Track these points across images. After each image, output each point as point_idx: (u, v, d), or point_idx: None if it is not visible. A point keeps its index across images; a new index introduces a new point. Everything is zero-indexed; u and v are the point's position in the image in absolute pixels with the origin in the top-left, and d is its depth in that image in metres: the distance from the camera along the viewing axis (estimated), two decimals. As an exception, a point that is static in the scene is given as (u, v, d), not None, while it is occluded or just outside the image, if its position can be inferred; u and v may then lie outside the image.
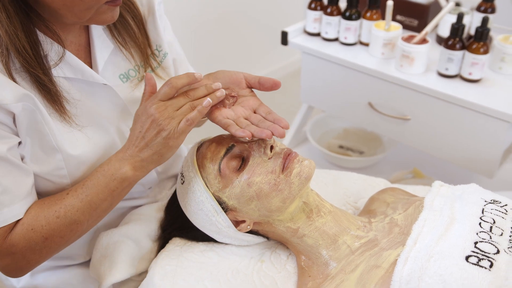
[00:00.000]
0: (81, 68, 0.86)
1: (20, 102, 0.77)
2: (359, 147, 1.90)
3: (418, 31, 1.56)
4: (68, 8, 0.75)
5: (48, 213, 0.83)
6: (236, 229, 0.88)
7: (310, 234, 0.86)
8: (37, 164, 0.84)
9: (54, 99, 0.82)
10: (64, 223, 0.83)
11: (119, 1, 0.79)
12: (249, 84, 0.89)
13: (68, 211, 0.83)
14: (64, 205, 0.83)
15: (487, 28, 1.29)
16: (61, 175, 0.86)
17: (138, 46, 0.96)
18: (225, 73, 0.88)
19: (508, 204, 0.84)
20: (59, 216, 0.82)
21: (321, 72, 1.59)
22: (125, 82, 0.95)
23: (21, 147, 0.82)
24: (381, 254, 0.80)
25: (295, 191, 0.83)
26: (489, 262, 0.71)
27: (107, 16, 0.80)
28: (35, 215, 0.83)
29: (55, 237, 0.83)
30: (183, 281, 0.86)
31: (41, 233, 0.82)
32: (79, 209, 0.83)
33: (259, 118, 0.85)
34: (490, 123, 1.29)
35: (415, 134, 1.47)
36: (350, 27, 1.52)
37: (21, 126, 0.80)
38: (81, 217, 0.84)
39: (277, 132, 0.80)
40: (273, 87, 0.87)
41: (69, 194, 0.84)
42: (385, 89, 1.46)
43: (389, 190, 1.02)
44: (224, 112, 0.85)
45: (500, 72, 1.40)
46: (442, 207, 0.84)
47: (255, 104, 0.88)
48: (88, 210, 0.84)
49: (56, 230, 0.83)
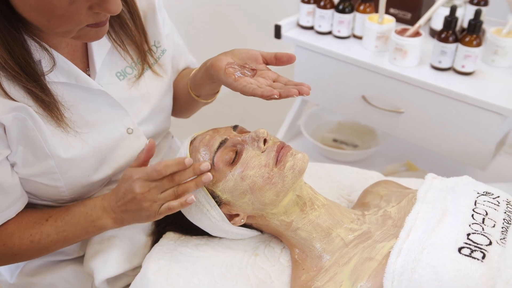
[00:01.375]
0: (75, 74, 0.84)
1: (10, 113, 0.77)
2: (353, 140, 1.90)
3: (411, 24, 1.56)
4: (48, 29, 0.74)
5: (23, 234, 0.87)
6: (230, 223, 0.88)
7: (303, 227, 0.86)
8: (29, 169, 0.84)
9: (49, 107, 0.81)
10: (35, 248, 0.88)
11: (102, 23, 0.76)
12: (265, 60, 0.89)
13: (43, 239, 0.87)
14: (40, 231, 0.87)
15: (480, 21, 1.29)
16: (54, 178, 0.86)
17: (135, 43, 0.94)
18: (242, 50, 0.89)
19: (500, 196, 0.85)
20: (33, 240, 0.87)
21: (314, 65, 1.59)
22: (122, 80, 0.94)
23: (12, 155, 0.82)
24: (374, 246, 0.80)
25: (289, 184, 0.83)
26: (481, 254, 0.71)
27: (91, 35, 0.78)
28: (11, 232, 0.87)
29: (24, 256, 0.89)
30: (177, 276, 0.86)
31: (12, 250, 0.87)
32: (53, 240, 0.87)
33: (281, 85, 0.84)
34: (483, 116, 1.29)
35: (408, 127, 1.47)
36: (343, 21, 1.52)
37: (11, 136, 0.80)
38: (53, 247, 0.89)
39: (303, 90, 0.80)
40: (289, 60, 0.87)
41: (48, 222, 0.87)
42: (378, 82, 1.46)
43: (383, 183, 1.02)
44: (246, 79, 0.84)
45: (493, 65, 1.40)
46: (435, 199, 0.84)
47: (274, 76, 0.87)
48: (62, 243, 0.89)
49: (26, 251, 0.88)
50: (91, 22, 0.74)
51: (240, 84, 0.83)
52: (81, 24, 0.73)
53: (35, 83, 0.79)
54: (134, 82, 0.95)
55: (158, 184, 0.82)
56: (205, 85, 0.96)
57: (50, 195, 0.89)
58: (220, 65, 0.86)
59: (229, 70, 0.85)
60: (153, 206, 0.82)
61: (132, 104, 0.95)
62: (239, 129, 0.91)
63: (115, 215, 0.86)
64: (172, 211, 0.83)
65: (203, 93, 1.00)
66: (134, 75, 0.95)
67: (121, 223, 0.87)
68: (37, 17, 0.71)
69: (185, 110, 1.14)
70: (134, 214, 0.84)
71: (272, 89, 0.80)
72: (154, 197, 0.82)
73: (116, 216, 0.86)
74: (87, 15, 0.72)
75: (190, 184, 0.83)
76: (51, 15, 0.70)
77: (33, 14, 0.71)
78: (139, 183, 0.81)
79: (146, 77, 0.97)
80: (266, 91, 0.79)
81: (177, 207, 0.82)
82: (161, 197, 0.82)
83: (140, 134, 0.96)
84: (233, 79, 0.84)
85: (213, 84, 0.95)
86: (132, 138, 0.95)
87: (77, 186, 0.90)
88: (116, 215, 0.86)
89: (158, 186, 0.82)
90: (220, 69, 0.86)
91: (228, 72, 0.85)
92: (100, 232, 0.89)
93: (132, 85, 0.95)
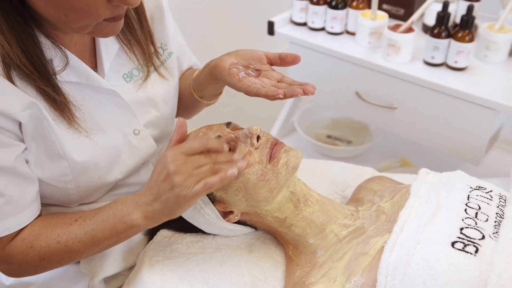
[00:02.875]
0: (86, 73, 0.83)
1: (27, 110, 0.76)
2: (347, 136, 1.90)
3: (404, 20, 1.56)
4: (64, 24, 0.72)
5: (50, 235, 0.82)
6: (224, 220, 0.88)
7: (297, 223, 0.86)
8: (41, 169, 0.83)
9: (61, 107, 0.80)
10: (63, 250, 0.81)
11: (119, 17, 0.75)
12: (269, 60, 0.89)
13: (70, 240, 0.81)
14: (68, 231, 0.81)
15: (472, 16, 1.29)
16: (66, 181, 0.85)
17: (140, 45, 0.93)
18: (246, 51, 0.89)
19: (493, 190, 0.85)
20: (60, 241, 0.81)
21: (308, 62, 1.59)
22: (128, 81, 0.92)
23: (26, 152, 0.81)
24: (368, 241, 0.81)
25: (282, 181, 0.83)
26: (474, 248, 0.72)
27: (108, 30, 0.76)
28: (38, 233, 0.82)
29: (52, 260, 0.82)
30: (171, 272, 0.86)
31: (39, 253, 0.82)
32: (81, 241, 0.81)
33: (285, 85, 0.84)
34: (476, 111, 1.30)
35: (402, 123, 1.47)
36: (336, 17, 1.52)
37: (27, 133, 0.79)
38: (81, 249, 0.82)
39: (308, 90, 0.80)
40: (294, 61, 0.87)
41: (77, 222, 0.82)
42: (372, 78, 1.46)
43: (376, 179, 1.02)
44: (251, 79, 0.84)
45: (485, 60, 1.40)
46: (429, 194, 0.84)
47: (278, 76, 0.87)
48: (90, 244, 0.81)
49: (54, 254, 0.82)
50: (109, 15, 0.72)
51: (244, 84, 0.82)
52: (99, 18, 0.72)
53: (47, 82, 0.78)
54: (140, 84, 0.94)
55: (195, 158, 0.76)
56: (209, 86, 0.96)
57: (58, 197, 0.88)
58: (224, 65, 0.86)
59: (233, 70, 0.85)
60: (188, 181, 0.74)
61: (139, 106, 0.94)
62: (232, 126, 0.90)
63: (146, 207, 0.78)
64: (210, 189, 0.75)
65: (206, 94, 1.00)
66: (141, 77, 0.94)
67: (152, 217, 0.79)
68: (54, 12, 0.69)
69: (187, 111, 1.13)
70: (166, 199, 0.76)
71: (277, 89, 0.79)
72: (189, 171, 0.75)
73: (147, 209, 0.78)
74: (106, 8, 0.71)
75: (228, 165, 0.77)
76: (69, 9, 0.69)
77: (50, 9, 0.69)
78: (174, 156, 0.76)
79: (153, 79, 0.96)
80: (271, 91, 0.79)
81: (215, 183, 0.74)
82: (197, 172, 0.75)
83: (147, 136, 0.95)
84: (237, 79, 0.83)
85: (216, 85, 0.94)
86: (138, 140, 0.94)
87: (87, 189, 0.89)
88: (147, 207, 0.78)
89: (195, 159, 0.76)
90: (224, 69, 0.86)
91: (232, 73, 0.85)
92: (131, 231, 0.80)
93: (139, 88, 0.94)
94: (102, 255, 0.92)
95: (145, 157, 0.96)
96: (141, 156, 0.95)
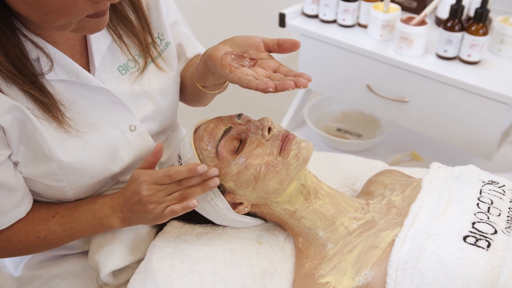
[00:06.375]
0: (75, 71, 0.81)
1: (9, 114, 0.75)
2: (357, 130, 1.89)
3: (417, 12, 1.55)
4: (47, 23, 0.70)
5: (28, 230, 0.87)
6: (234, 212, 0.88)
7: (307, 216, 0.86)
8: (32, 169, 0.83)
9: (49, 109, 0.79)
10: (41, 244, 0.88)
11: (102, 13, 0.72)
12: (267, 47, 0.84)
13: (49, 235, 0.87)
14: (46, 228, 0.87)
15: (486, 9, 1.27)
16: (57, 180, 0.85)
17: (136, 35, 0.91)
18: (243, 38, 0.84)
19: (506, 185, 0.84)
20: (38, 236, 0.87)
21: (319, 54, 1.58)
22: (124, 74, 0.90)
23: (14, 155, 0.80)
24: (378, 234, 0.80)
25: (293, 173, 0.83)
26: (486, 242, 0.71)
27: (91, 27, 0.74)
28: (16, 228, 0.87)
29: (28, 251, 0.89)
30: (181, 263, 0.86)
31: (17, 245, 0.87)
32: (59, 236, 0.88)
33: (280, 76, 0.79)
34: (489, 105, 1.28)
35: (413, 116, 1.46)
36: (348, 9, 1.51)
37: (12, 137, 0.78)
38: (59, 242, 0.89)
39: (300, 83, 0.75)
40: (293, 47, 0.81)
41: (55, 218, 0.87)
42: (383, 71, 1.45)
43: (387, 172, 1.01)
44: (244, 70, 0.79)
45: (499, 54, 1.39)
46: (440, 188, 0.84)
47: (275, 65, 0.82)
48: (68, 239, 0.89)
49: (30, 247, 0.88)
50: (90, 12, 0.70)
51: (236, 75, 0.78)
52: (80, 15, 0.69)
53: (33, 84, 0.76)
54: (137, 77, 0.92)
55: (166, 187, 0.83)
56: (207, 76, 0.90)
57: (54, 195, 0.88)
58: (217, 55, 0.81)
59: (226, 60, 0.81)
60: (158, 208, 0.83)
61: (135, 101, 0.91)
62: (243, 118, 0.90)
63: (123, 214, 0.87)
64: (175, 215, 0.84)
65: (208, 84, 0.94)
66: (137, 70, 0.92)
67: (128, 222, 0.88)
68: (34, 13, 0.68)
69: (195, 100, 1.10)
70: (140, 215, 0.85)
71: (268, 81, 0.74)
72: (160, 199, 0.83)
73: (123, 215, 0.87)
74: (86, 5, 0.68)
75: (196, 188, 0.83)
76: (48, 9, 0.67)
77: (28, 10, 0.68)
78: (147, 186, 0.82)
79: (150, 72, 0.94)
80: (261, 83, 0.74)
81: (179, 211, 0.83)
82: (167, 199, 0.83)
83: (143, 131, 0.93)
84: (229, 71, 0.79)
85: (214, 75, 0.89)
86: (135, 136, 0.92)
87: (81, 187, 0.88)
88: (124, 214, 0.87)
89: (165, 189, 0.83)
90: (216, 59, 0.81)
91: (224, 63, 0.80)
92: (107, 230, 0.90)
93: (135, 80, 0.91)
94: (110, 249, 0.92)
95: (142, 153, 0.95)
96: (139, 153, 0.94)
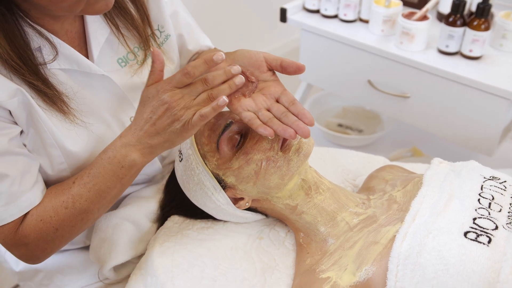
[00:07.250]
0: (76, 59, 0.82)
1: (14, 98, 0.75)
2: (358, 125, 1.89)
3: (418, 7, 1.54)
4: (55, 4, 0.70)
5: (55, 204, 0.81)
6: (235, 207, 0.88)
7: (308, 211, 0.86)
8: (37, 156, 0.82)
9: (53, 100, 0.79)
10: (73, 214, 0.80)
11: None
12: (270, 66, 0.80)
13: (77, 201, 0.80)
14: (71, 195, 0.80)
15: (488, 4, 1.27)
16: (60, 169, 0.85)
17: (136, 28, 0.91)
18: (245, 54, 0.81)
19: (507, 181, 0.84)
20: (67, 206, 0.80)
21: (320, 49, 1.58)
22: (123, 66, 0.91)
23: (24, 136, 0.80)
24: (379, 230, 0.80)
25: (294, 168, 0.83)
26: (487, 238, 0.71)
27: (100, 5, 0.74)
28: (43, 205, 0.81)
29: (66, 227, 0.81)
30: (181, 258, 0.86)
31: (51, 223, 0.80)
32: (87, 199, 0.80)
33: (282, 110, 0.77)
34: (490, 101, 1.28)
35: (414, 112, 1.46)
36: (349, 4, 1.50)
37: (20, 119, 0.78)
38: (91, 206, 0.81)
39: (301, 131, 0.74)
40: (296, 71, 0.79)
41: (75, 183, 0.81)
42: (384, 66, 1.45)
43: (388, 168, 1.01)
44: (244, 103, 0.78)
45: (501, 49, 1.38)
46: (441, 184, 0.84)
47: (277, 92, 0.79)
48: (97, 199, 0.81)
49: (65, 221, 0.81)
50: None
51: (236, 110, 0.78)
52: None
53: (36, 76, 0.76)
54: (136, 69, 0.92)
55: (191, 89, 0.75)
56: None
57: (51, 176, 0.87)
58: None
59: None
60: (187, 113, 0.74)
61: (135, 93, 0.91)
62: None
63: (141, 145, 0.78)
64: (205, 119, 0.74)
65: None
66: (137, 62, 0.92)
67: (150, 153, 0.79)
68: None
69: None
70: (165, 132, 0.76)
71: (267, 128, 0.75)
72: (188, 103, 0.75)
73: (142, 146, 0.78)
74: None
75: (224, 86, 0.76)
76: None
77: None
78: (169, 92, 0.75)
79: (149, 64, 0.93)
80: (262, 128, 0.75)
81: (210, 113, 0.74)
82: (195, 102, 0.75)
83: None
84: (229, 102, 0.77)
85: None
86: None
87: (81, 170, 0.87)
88: (143, 145, 0.78)
89: (191, 90, 0.75)
90: None
91: None
92: (131, 171, 0.80)
93: (135, 73, 0.92)
94: (111, 244, 0.92)
95: None
96: None
